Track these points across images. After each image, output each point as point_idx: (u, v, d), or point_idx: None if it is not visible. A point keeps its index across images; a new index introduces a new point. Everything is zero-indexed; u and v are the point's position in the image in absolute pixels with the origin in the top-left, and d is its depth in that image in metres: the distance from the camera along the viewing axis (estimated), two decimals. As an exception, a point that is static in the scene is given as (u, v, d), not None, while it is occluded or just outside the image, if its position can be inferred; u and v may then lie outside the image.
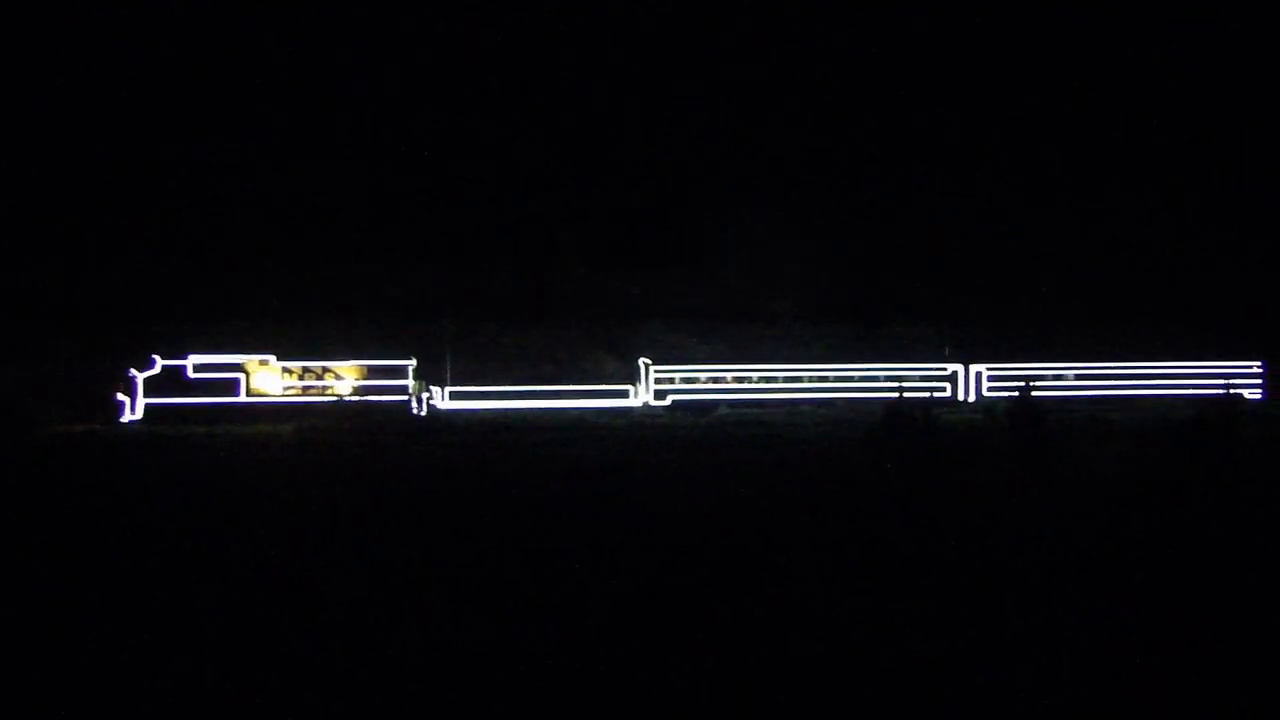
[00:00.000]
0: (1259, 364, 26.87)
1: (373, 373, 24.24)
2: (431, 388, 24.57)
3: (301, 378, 24.01)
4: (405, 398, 24.08)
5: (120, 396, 22.87)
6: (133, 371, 22.99)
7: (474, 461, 17.06)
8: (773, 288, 29.36)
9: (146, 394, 22.98)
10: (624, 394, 25.31)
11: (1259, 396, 26.63)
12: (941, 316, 28.75)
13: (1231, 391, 23.04)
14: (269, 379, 23.80)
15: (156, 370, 23.07)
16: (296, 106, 27.29)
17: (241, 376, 23.47)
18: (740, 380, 26.18)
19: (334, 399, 23.91)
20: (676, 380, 25.75)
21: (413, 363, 24.28)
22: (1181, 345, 27.50)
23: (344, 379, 24.21)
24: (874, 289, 29.36)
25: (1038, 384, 26.25)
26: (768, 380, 26.13)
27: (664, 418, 24.40)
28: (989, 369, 26.39)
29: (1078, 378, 26.67)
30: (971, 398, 26.18)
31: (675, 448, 18.80)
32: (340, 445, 19.53)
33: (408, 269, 26.58)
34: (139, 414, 22.89)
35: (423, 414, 24.08)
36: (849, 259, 29.63)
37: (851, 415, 24.44)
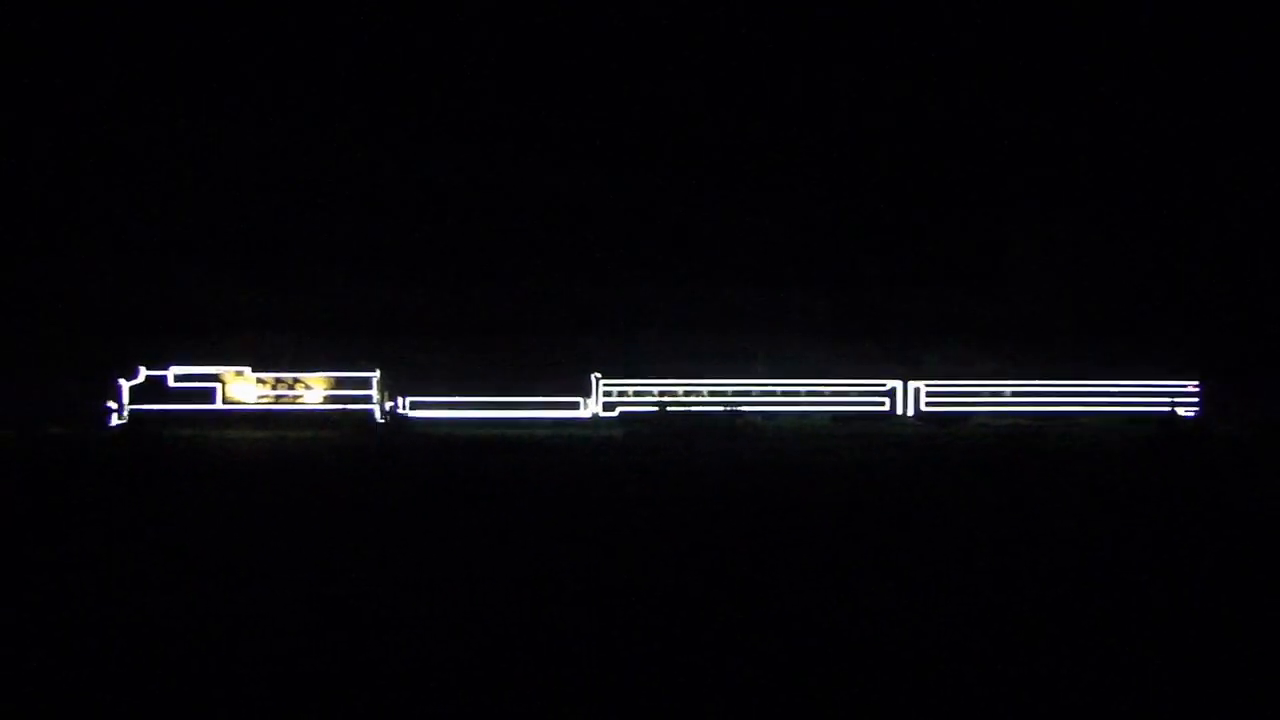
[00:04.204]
0: (1194, 383, 27.66)
1: (340, 383, 26.18)
2: (396, 398, 26.47)
3: (274, 387, 26.02)
4: (370, 406, 26.00)
5: (109, 404, 25.07)
6: (120, 380, 25.20)
7: (439, 468, 18.11)
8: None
9: (131, 401, 25.16)
10: (574, 405, 26.96)
11: (1193, 414, 27.45)
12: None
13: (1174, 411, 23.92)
14: (244, 388, 25.84)
15: (141, 380, 25.25)
16: (280, 116, 28.84)
17: (218, 386, 25.55)
18: (691, 394, 27.64)
19: (303, 407, 25.93)
20: (630, 393, 27.34)
21: (377, 374, 26.18)
22: (1119, 363, 28.30)
23: (313, 389, 26.17)
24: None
25: (976, 401, 27.77)
26: (716, 394, 27.56)
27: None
28: (927, 385, 27.55)
29: (1014, 394, 27.70)
30: (910, 413, 27.37)
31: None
32: (309, 449, 21.44)
33: (381, 285, 28.47)
34: (125, 419, 25.08)
35: (386, 421, 26.00)
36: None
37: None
